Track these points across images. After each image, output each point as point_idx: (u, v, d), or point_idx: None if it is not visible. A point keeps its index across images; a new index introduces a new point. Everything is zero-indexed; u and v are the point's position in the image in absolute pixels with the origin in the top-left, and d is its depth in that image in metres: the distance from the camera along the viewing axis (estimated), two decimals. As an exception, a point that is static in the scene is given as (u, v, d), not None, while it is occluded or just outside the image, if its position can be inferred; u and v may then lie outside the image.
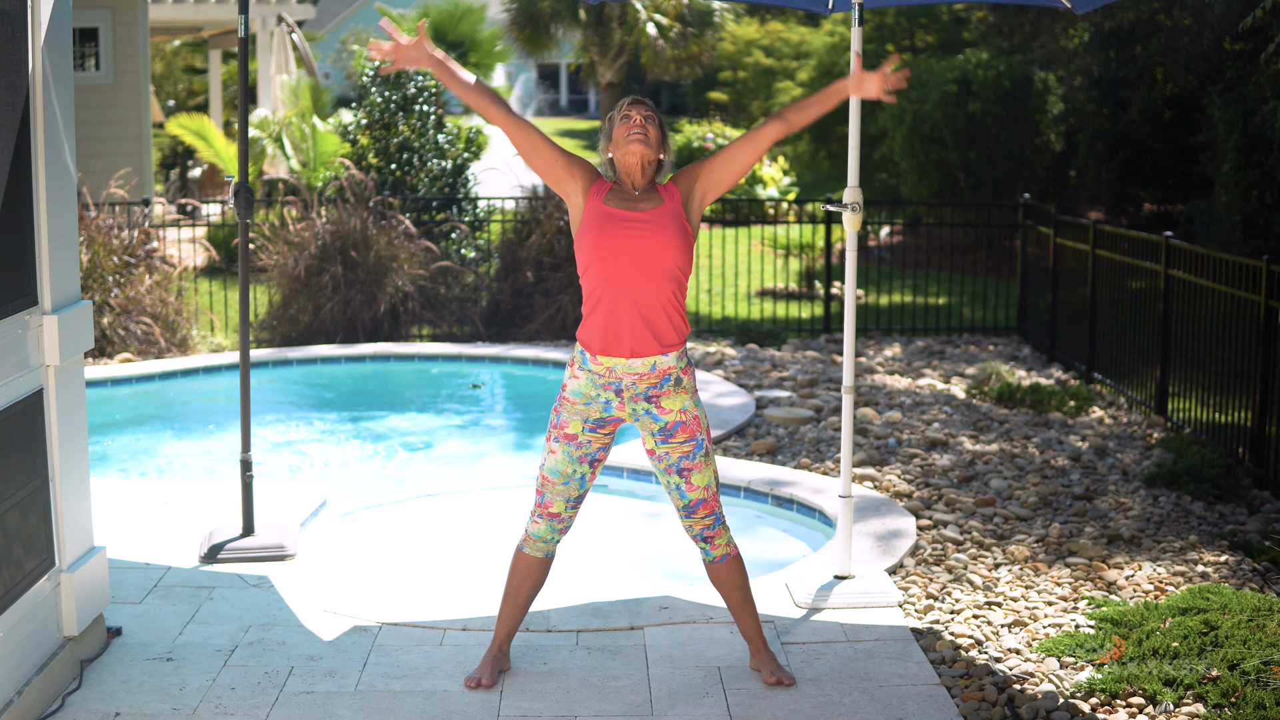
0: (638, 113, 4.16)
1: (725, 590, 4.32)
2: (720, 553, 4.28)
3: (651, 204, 4.13)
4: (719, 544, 4.27)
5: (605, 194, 4.15)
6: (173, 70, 27.13)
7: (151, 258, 9.98)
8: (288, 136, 15.16)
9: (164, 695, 4.11)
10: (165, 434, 8.17)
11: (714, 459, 4.28)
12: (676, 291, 4.11)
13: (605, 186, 4.18)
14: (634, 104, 4.18)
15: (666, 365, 4.11)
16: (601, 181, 4.20)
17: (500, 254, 10.87)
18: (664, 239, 4.07)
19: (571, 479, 4.20)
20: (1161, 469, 6.59)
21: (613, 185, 4.19)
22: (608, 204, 4.12)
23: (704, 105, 29.52)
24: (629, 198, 4.15)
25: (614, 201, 4.13)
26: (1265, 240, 10.23)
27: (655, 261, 4.06)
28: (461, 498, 6.88)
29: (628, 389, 4.11)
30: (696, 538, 4.28)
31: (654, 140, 4.13)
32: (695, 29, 19.02)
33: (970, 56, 15.64)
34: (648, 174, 4.16)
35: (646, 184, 4.17)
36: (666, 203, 4.14)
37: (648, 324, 4.07)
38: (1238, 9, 10.76)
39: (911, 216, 16.04)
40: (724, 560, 4.29)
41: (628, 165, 4.14)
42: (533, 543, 4.28)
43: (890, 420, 7.70)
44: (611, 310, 4.07)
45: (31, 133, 3.96)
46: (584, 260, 4.11)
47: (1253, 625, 4.35)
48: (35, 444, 4.00)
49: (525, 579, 4.30)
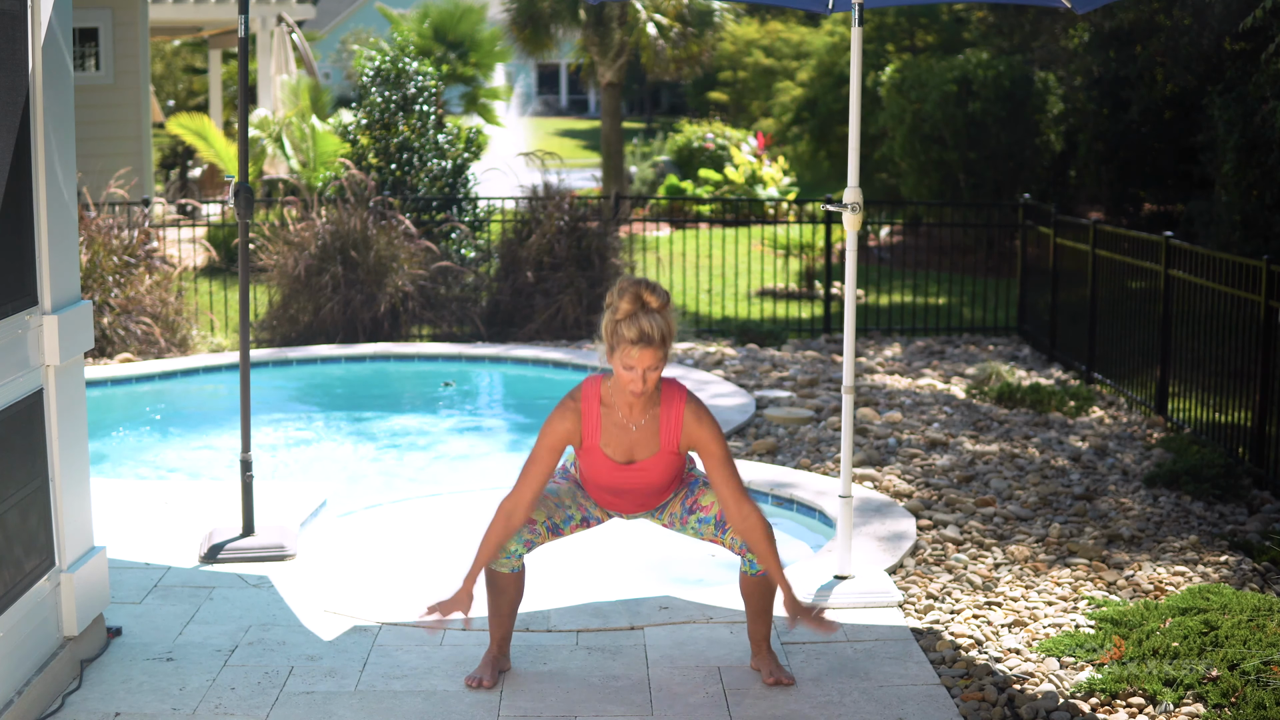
0: (644, 365, 3.93)
1: (754, 599, 4.30)
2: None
3: (649, 447, 4.10)
4: None
5: (600, 429, 4.10)
6: (173, 70, 27.15)
7: (151, 258, 9.98)
8: (288, 136, 15.16)
9: (164, 695, 4.11)
10: (165, 434, 8.17)
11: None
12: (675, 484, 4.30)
13: (594, 411, 4.08)
14: (643, 348, 3.91)
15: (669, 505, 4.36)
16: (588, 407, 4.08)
17: (500, 254, 10.87)
18: (662, 479, 4.20)
19: (563, 507, 4.32)
20: (1161, 469, 6.59)
21: (604, 401, 4.09)
22: (606, 451, 4.12)
23: (704, 105, 29.54)
24: (626, 435, 4.09)
25: (611, 443, 4.11)
26: (1265, 240, 10.23)
27: (653, 493, 4.25)
28: (461, 498, 6.88)
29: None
30: (741, 549, 4.21)
31: (654, 381, 4.00)
32: (695, 29, 19.01)
33: (970, 56, 15.64)
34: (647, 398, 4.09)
35: (645, 403, 4.09)
36: (664, 446, 4.11)
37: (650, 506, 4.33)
38: (1238, 9, 10.75)
39: (911, 216, 16.05)
40: (765, 575, 4.23)
41: (626, 400, 4.07)
42: (498, 559, 4.25)
43: (890, 420, 7.70)
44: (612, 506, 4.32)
45: (31, 132, 3.95)
46: (583, 478, 4.28)
47: (1253, 625, 4.35)
48: (35, 444, 4.00)
49: (500, 594, 4.26)
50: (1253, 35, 10.88)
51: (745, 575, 4.27)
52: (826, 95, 21.41)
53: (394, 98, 11.40)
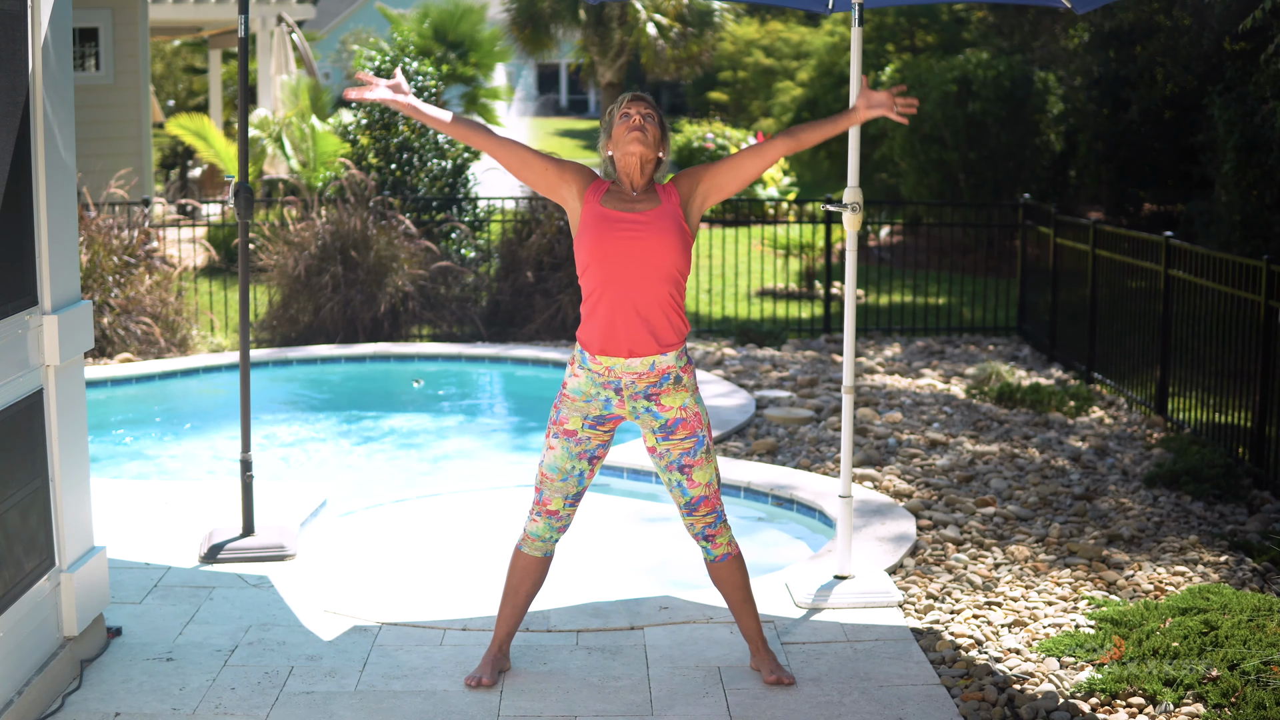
0: (637, 110, 4.14)
1: (726, 590, 4.32)
2: (721, 552, 4.28)
3: (649, 205, 4.13)
4: (720, 543, 4.28)
5: (602, 195, 4.15)
6: (173, 70, 27.15)
7: (151, 258, 9.98)
8: (288, 136, 15.16)
9: (164, 695, 4.11)
10: (165, 434, 8.17)
11: (715, 456, 4.28)
12: (674, 292, 4.11)
13: (602, 187, 4.18)
14: (634, 100, 4.16)
15: (665, 364, 4.11)
16: (598, 182, 4.19)
17: (500, 254, 10.87)
18: (661, 240, 4.07)
19: (570, 475, 4.20)
20: (1161, 469, 6.59)
21: (610, 185, 4.18)
22: (605, 206, 4.12)
23: (704, 105, 29.52)
24: (627, 199, 4.14)
25: (611, 203, 4.13)
26: (1265, 240, 10.23)
27: (653, 263, 4.06)
28: (461, 498, 6.88)
29: (627, 387, 4.12)
30: (698, 536, 4.28)
31: (653, 139, 4.12)
32: (695, 29, 19.00)
33: (970, 56, 15.64)
34: (647, 173, 4.16)
35: (645, 183, 4.17)
36: (664, 204, 4.13)
37: (646, 324, 4.08)
38: (1238, 9, 10.75)
39: (911, 216, 16.05)
40: (725, 559, 4.29)
41: (627, 165, 4.13)
42: (531, 542, 4.28)
43: (890, 420, 7.70)
44: (610, 312, 4.08)
45: (31, 133, 3.95)
46: (582, 261, 4.12)
47: (1253, 625, 4.35)
48: (35, 444, 4.00)
49: (524, 578, 4.30)
50: (1253, 35, 10.88)
51: (709, 564, 4.32)
52: (826, 95, 21.41)
53: (394, 98, 11.39)
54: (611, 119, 4.18)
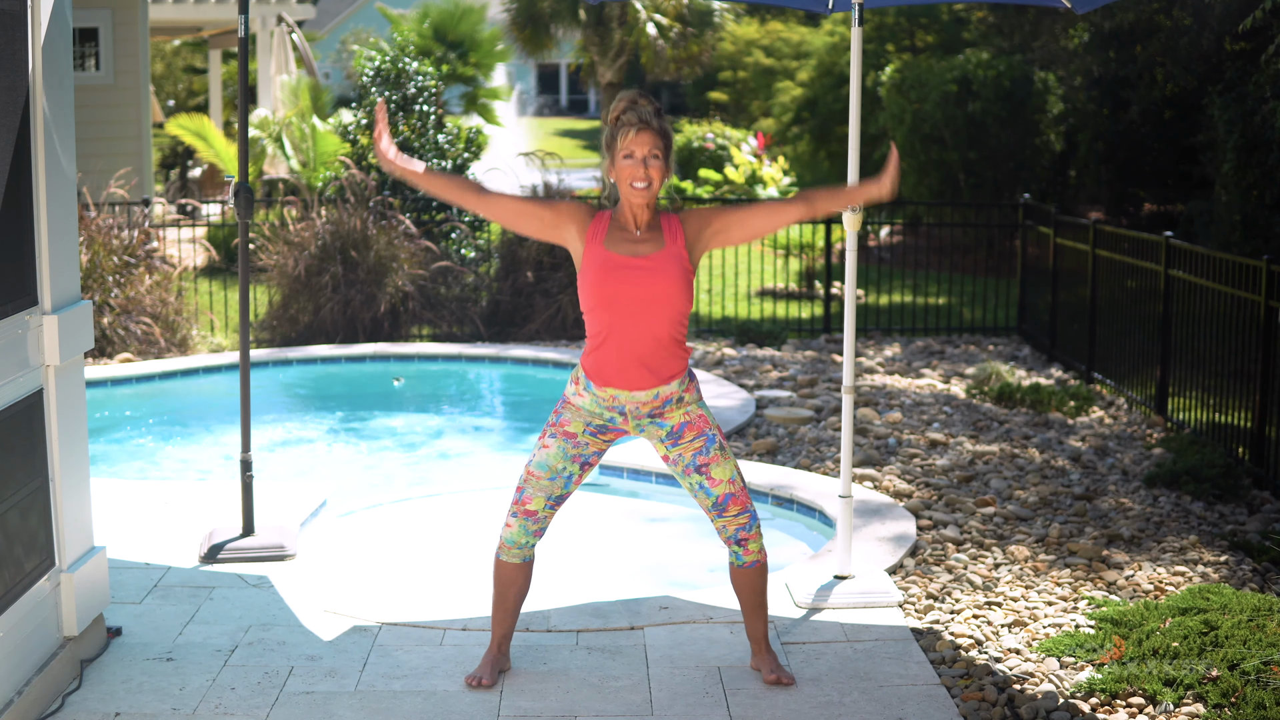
0: (641, 150, 4.00)
1: (744, 593, 4.30)
2: (752, 559, 4.24)
3: (654, 247, 4.06)
4: (752, 549, 4.23)
5: (605, 234, 4.08)
6: (173, 70, 27.15)
7: (151, 258, 9.98)
8: (288, 136, 15.16)
9: (164, 695, 4.11)
10: (165, 434, 8.17)
11: (731, 454, 4.23)
12: (678, 330, 4.10)
13: (603, 222, 4.10)
14: (640, 130, 4.00)
15: (669, 392, 4.12)
16: (598, 218, 4.11)
17: (500, 254, 10.87)
18: (667, 285, 4.03)
19: (559, 476, 4.17)
20: (1161, 469, 6.59)
21: (611, 219, 4.10)
22: (609, 249, 4.06)
23: (704, 105, 29.51)
24: (630, 238, 4.07)
25: (615, 244, 4.06)
26: (1265, 240, 10.23)
27: (658, 306, 4.04)
28: (461, 498, 6.88)
29: (630, 412, 4.13)
30: (730, 539, 4.22)
31: (658, 182, 4.02)
32: (695, 29, 19.02)
33: (970, 56, 15.64)
34: (651, 208, 4.10)
35: (650, 218, 4.10)
36: (669, 245, 4.07)
37: (651, 363, 4.07)
38: (1238, 9, 10.75)
39: (911, 216, 16.04)
40: (754, 566, 4.25)
41: (631, 205, 4.06)
42: (508, 549, 4.24)
43: (890, 420, 7.70)
44: (616, 352, 4.06)
45: (31, 133, 3.95)
46: (587, 303, 4.09)
47: (1253, 625, 4.35)
48: (35, 444, 4.00)
49: (509, 585, 4.27)
50: (1253, 35, 10.88)
51: (734, 568, 4.27)
52: (826, 95, 21.42)
53: (394, 98, 11.41)
54: (614, 134, 4.06)
